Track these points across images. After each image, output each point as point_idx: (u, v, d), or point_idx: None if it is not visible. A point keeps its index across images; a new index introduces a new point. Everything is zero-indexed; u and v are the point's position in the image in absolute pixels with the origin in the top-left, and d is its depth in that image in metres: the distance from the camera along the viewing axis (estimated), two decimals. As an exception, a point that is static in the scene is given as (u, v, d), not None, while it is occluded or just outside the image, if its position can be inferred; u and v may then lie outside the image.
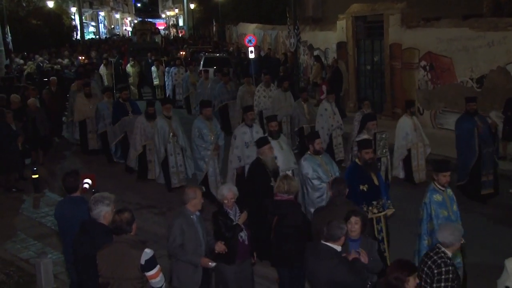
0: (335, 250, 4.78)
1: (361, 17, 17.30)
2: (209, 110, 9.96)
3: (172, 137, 10.26)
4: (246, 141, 8.99)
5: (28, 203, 10.46)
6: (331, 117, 11.82)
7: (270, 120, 8.66)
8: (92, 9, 60.13)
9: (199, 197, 5.52)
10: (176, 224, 5.42)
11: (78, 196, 5.73)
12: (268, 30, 26.71)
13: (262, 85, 14.13)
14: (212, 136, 9.62)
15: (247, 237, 5.82)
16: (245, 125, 9.19)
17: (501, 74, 12.67)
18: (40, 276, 6.70)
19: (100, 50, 32.51)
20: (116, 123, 11.89)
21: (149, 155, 11.10)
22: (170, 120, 10.34)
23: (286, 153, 8.26)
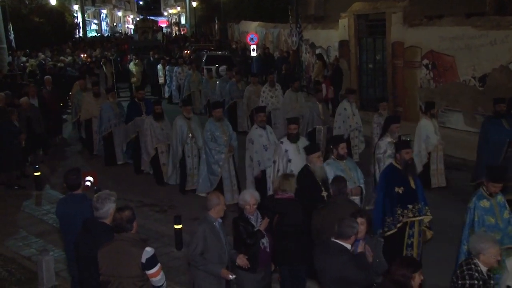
0: (345, 248, 4.75)
1: (363, 16, 17.26)
2: (220, 111, 9.75)
3: (190, 139, 10.07)
4: (264, 144, 8.84)
5: (30, 201, 10.47)
6: (350, 117, 11.49)
7: (290, 122, 8.28)
8: (94, 7, 60.14)
9: (222, 203, 5.33)
10: (200, 231, 5.22)
11: (80, 193, 5.73)
12: (270, 28, 26.69)
13: (267, 85, 13.95)
14: (225, 138, 9.43)
15: (268, 244, 5.69)
16: (259, 127, 8.99)
17: (504, 72, 12.64)
18: (42, 273, 6.72)
19: (103, 48, 32.50)
20: (129, 122, 11.68)
21: (162, 158, 10.85)
22: (189, 121, 10.13)
23: (302, 158, 7.82)
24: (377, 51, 17.00)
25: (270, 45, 25.74)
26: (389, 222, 6.48)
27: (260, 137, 8.87)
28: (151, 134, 10.72)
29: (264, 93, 13.71)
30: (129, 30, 66.81)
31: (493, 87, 12.91)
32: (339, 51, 18.45)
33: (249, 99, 14.41)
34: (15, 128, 10.89)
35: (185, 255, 7.73)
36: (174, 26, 66.42)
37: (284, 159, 7.94)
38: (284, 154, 7.97)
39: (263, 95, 13.70)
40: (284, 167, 7.88)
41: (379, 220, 6.52)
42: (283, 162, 7.93)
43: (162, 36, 37.97)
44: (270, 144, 8.85)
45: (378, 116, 10.68)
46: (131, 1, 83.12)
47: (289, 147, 7.96)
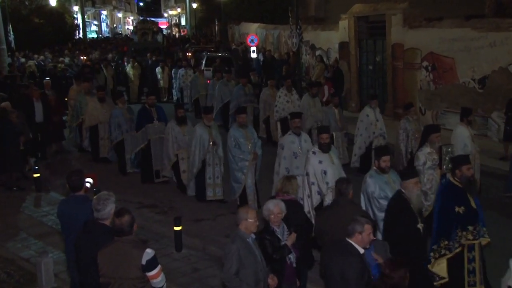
0: (356, 250, 4.70)
1: (363, 17, 17.29)
2: (244, 117, 9.43)
3: (212, 147, 9.63)
4: (294, 151, 8.48)
5: (29, 202, 10.47)
6: (373, 124, 11.04)
7: (322, 132, 7.81)
8: (94, 8, 60.17)
9: (253, 218, 5.03)
10: (233, 250, 4.92)
11: (82, 194, 5.72)
12: (270, 30, 26.71)
13: (283, 89, 13.38)
14: (250, 145, 9.09)
15: (295, 259, 5.50)
16: (293, 134, 8.65)
17: (503, 74, 12.65)
18: (41, 275, 6.71)
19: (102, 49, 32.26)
20: (140, 129, 11.06)
21: (182, 165, 10.29)
22: (210, 129, 9.70)
23: (337, 168, 7.64)
24: (377, 53, 17.03)
25: (270, 47, 25.73)
26: (443, 247, 5.98)
27: (291, 144, 8.52)
28: (172, 140, 10.20)
29: (280, 98, 13.22)
30: (129, 31, 66.84)
31: (492, 89, 12.92)
32: (339, 53, 18.47)
33: (265, 103, 13.89)
34: (15, 128, 10.87)
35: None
36: (174, 28, 66.43)
37: (319, 171, 7.52)
38: (318, 166, 7.53)
39: (278, 99, 13.22)
40: (319, 179, 7.49)
41: (432, 243, 6.07)
42: (317, 174, 7.51)
43: (162, 38, 37.60)
44: (301, 153, 8.42)
45: (405, 121, 10.27)
46: (131, 2, 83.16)
47: (323, 157, 7.54)
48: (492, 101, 12.87)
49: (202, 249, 8.07)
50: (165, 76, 20.61)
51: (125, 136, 11.50)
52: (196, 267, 7.55)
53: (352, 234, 4.77)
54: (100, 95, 12.66)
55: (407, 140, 10.21)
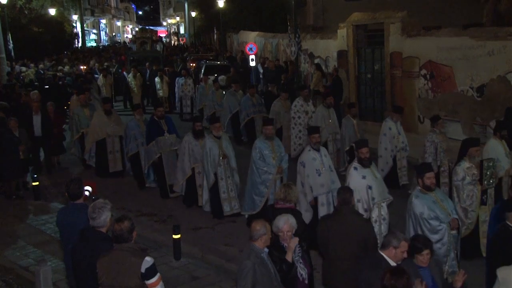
0: (385, 260, 4.64)
1: (362, 26, 17.34)
2: (270, 128, 9.00)
3: (222, 160, 9.27)
4: (317, 168, 7.98)
5: (28, 210, 10.45)
6: (396, 137, 10.69)
7: (362, 146, 7.41)
8: (93, 17, 60.40)
9: (269, 232, 4.94)
10: (249, 267, 4.75)
11: (81, 203, 5.72)
12: (269, 38, 26.79)
13: (299, 99, 12.96)
14: (275, 158, 8.72)
15: (307, 275, 5.35)
16: (313, 150, 8.13)
17: (501, 83, 12.68)
18: (40, 283, 6.67)
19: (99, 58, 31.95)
20: (150, 142, 10.63)
21: (199, 179, 9.87)
22: (219, 141, 9.34)
23: (380, 182, 7.40)
24: (376, 61, 17.07)
25: (269, 55, 25.80)
26: None
27: (313, 161, 8.04)
28: (188, 153, 9.81)
29: (295, 108, 12.82)
30: (128, 39, 67.05)
31: (490, 97, 12.95)
32: (338, 61, 18.52)
33: (277, 114, 13.35)
34: (15, 137, 10.87)
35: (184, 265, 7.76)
36: (173, 36, 66.67)
37: (364, 187, 7.19)
38: (362, 182, 7.21)
39: (294, 109, 12.83)
40: (365, 196, 7.18)
41: None
42: (362, 190, 7.18)
43: (162, 47, 37.30)
44: (324, 169, 8.03)
45: (432, 134, 9.87)
46: (130, 11, 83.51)
47: (365, 172, 7.23)
48: (490, 110, 12.89)
49: (201, 258, 8.05)
50: (164, 85, 20.15)
51: (140, 149, 11.10)
52: (195, 275, 7.53)
53: (386, 247, 4.71)
54: (106, 107, 12.26)
55: (435, 153, 9.77)
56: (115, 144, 12.00)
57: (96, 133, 12.03)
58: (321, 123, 11.87)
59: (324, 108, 12.27)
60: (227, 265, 7.76)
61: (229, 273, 7.55)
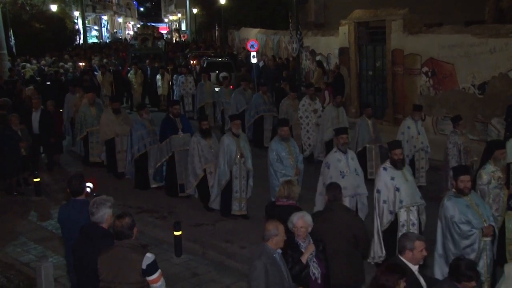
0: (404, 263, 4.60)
1: (363, 23, 17.33)
2: (286, 129, 8.77)
3: (239, 159, 9.05)
4: (341, 170, 7.74)
5: (29, 207, 10.46)
6: (415, 137, 10.24)
7: (395, 147, 7.12)
8: (95, 13, 60.33)
9: (281, 234, 4.85)
10: (259, 267, 4.66)
11: (83, 199, 5.73)
12: (271, 35, 26.76)
13: (306, 98, 12.70)
14: (292, 159, 8.59)
15: (320, 275, 5.22)
16: (338, 151, 7.90)
17: (503, 80, 12.68)
18: (41, 280, 6.68)
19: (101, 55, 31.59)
20: (164, 140, 10.36)
21: (211, 180, 9.60)
22: (238, 139, 9.11)
23: (412, 186, 7.08)
24: (377, 58, 17.06)
25: (270, 52, 25.77)
26: None
27: (338, 162, 7.80)
28: (198, 154, 9.55)
29: (303, 107, 12.57)
30: (129, 36, 66.96)
31: (492, 94, 12.94)
32: (339, 58, 18.51)
33: (286, 114, 13.04)
34: (15, 134, 10.87)
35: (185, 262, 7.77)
36: (174, 33, 66.59)
37: (391, 188, 6.98)
38: (390, 182, 7.00)
39: (301, 108, 12.58)
40: (392, 198, 6.96)
41: None
42: (389, 191, 6.98)
43: (164, 44, 36.84)
44: (349, 172, 7.77)
45: (454, 135, 9.61)
46: (131, 8, 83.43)
47: (395, 174, 6.98)
48: (492, 107, 12.89)
49: (201, 254, 8.06)
50: (165, 83, 19.77)
51: (148, 149, 10.81)
52: (196, 272, 7.53)
53: (402, 251, 4.67)
54: (115, 106, 11.91)
55: (458, 155, 9.54)
56: (123, 144, 11.67)
57: (105, 133, 11.77)
58: (330, 122, 11.71)
59: (333, 108, 12.06)
60: (227, 261, 7.77)
61: (230, 269, 7.57)
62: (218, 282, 7.25)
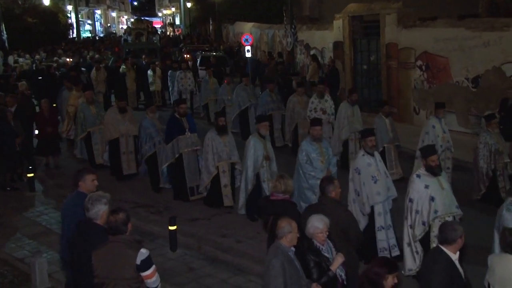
0: (448, 257, 4.56)
1: (358, 17, 17.31)
2: (319, 129, 8.28)
3: (266, 161, 8.66)
4: (373, 174, 7.25)
5: (23, 202, 10.41)
6: (440, 136, 9.76)
7: (431, 153, 6.61)
8: (88, 7, 60.00)
9: (295, 230, 4.77)
10: (278, 266, 4.55)
11: (83, 192, 5.70)
12: (265, 29, 26.71)
13: (316, 95, 12.15)
14: (323, 161, 8.09)
15: (345, 275, 5.11)
16: (366, 154, 7.37)
17: (497, 74, 12.71)
18: (35, 275, 6.68)
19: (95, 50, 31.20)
20: (170, 141, 9.85)
21: (223, 179, 9.33)
22: (265, 141, 8.72)
23: (448, 194, 6.55)
24: (372, 52, 17.07)
25: (265, 46, 25.73)
26: None
27: (368, 166, 7.30)
28: (212, 151, 9.22)
29: (313, 104, 12.02)
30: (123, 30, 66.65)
31: (486, 88, 12.98)
32: (334, 52, 18.50)
33: (293, 111, 12.63)
34: (13, 129, 10.79)
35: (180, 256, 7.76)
36: (168, 27, 66.35)
37: (425, 197, 6.48)
38: (424, 191, 6.49)
39: (311, 105, 12.02)
40: (426, 208, 6.47)
41: None
42: (423, 201, 6.49)
43: (159, 39, 36.35)
44: (380, 175, 7.31)
45: (486, 134, 9.24)
46: (125, 2, 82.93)
47: (429, 181, 6.49)
48: (485, 100, 12.92)
49: (197, 249, 8.06)
50: (157, 79, 19.20)
51: (157, 148, 10.33)
52: (191, 266, 7.54)
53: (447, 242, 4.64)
54: (121, 104, 11.30)
55: (489, 156, 9.16)
56: (129, 145, 11.15)
57: (109, 132, 11.15)
58: (343, 120, 11.33)
59: (348, 105, 11.47)
60: (223, 256, 7.77)
61: (226, 264, 7.58)
62: (213, 277, 7.25)
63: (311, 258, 4.89)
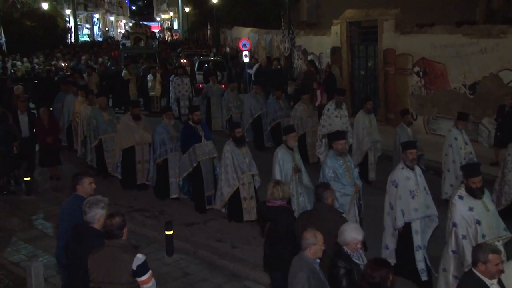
0: (477, 277, 4.44)
1: (356, 23, 17.37)
2: (343, 143, 7.76)
3: (295, 174, 8.14)
4: (411, 189, 6.83)
5: (19, 206, 10.38)
6: (463, 147, 9.51)
7: (474, 175, 6.03)
8: (86, 11, 60.06)
9: (320, 243, 4.67)
10: (304, 279, 4.49)
11: (81, 195, 5.69)
12: (263, 34, 26.74)
13: (332, 103, 11.62)
14: (349, 176, 7.58)
15: None
16: (406, 168, 6.98)
17: (494, 80, 12.75)
18: (31, 279, 6.64)
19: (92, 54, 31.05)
20: (187, 150, 9.52)
21: (243, 191, 8.91)
22: (293, 152, 8.20)
23: (494, 215, 6.10)
24: (369, 58, 17.11)
25: (262, 52, 25.75)
26: None
27: (407, 180, 6.89)
28: (232, 164, 8.83)
29: (329, 112, 11.50)
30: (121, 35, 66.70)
31: (483, 94, 13.02)
32: (331, 58, 18.54)
33: (300, 120, 12.20)
34: (12, 133, 10.76)
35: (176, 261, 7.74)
36: (166, 32, 66.46)
37: (471, 221, 5.96)
38: (469, 214, 5.97)
39: (326, 113, 11.53)
40: (473, 232, 5.92)
41: None
42: (469, 225, 5.97)
43: (157, 44, 36.16)
44: (419, 190, 6.89)
45: None
46: (123, 6, 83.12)
47: (474, 203, 5.97)
48: (482, 107, 12.96)
49: (193, 254, 8.04)
50: (157, 84, 18.93)
51: (169, 156, 10.01)
52: (187, 271, 7.52)
53: (475, 264, 4.50)
54: (135, 112, 10.83)
55: None
56: (144, 153, 10.68)
57: (124, 141, 10.66)
58: (362, 130, 10.95)
59: (364, 114, 11.06)
60: (219, 261, 7.76)
61: (222, 269, 7.56)
62: (209, 282, 7.24)
63: (342, 265, 4.74)
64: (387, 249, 7.03)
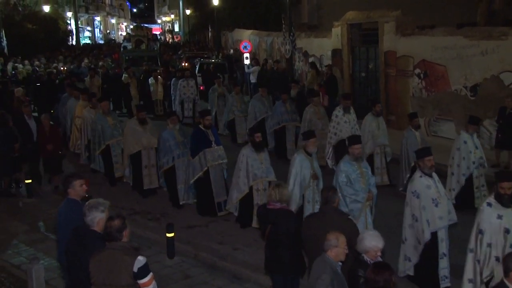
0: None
1: (356, 25, 17.37)
2: (359, 147, 7.44)
3: (312, 181, 7.96)
4: (433, 197, 6.65)
5: (20, 209, 10.39)
6: (473, 151, 9.30)
7: (504, 179, 5.86)
8: (88, 14, 60.13)
9: (342, 245, 4.66)
10: (327, 281, 4.48)
11: (75, 199, 5.69)
12: (264, 37, 26.76)
13: (340, 109, 11.39)
14: (364, 182, 7.32)
15: None
16: (424, 176, 6.74)
17: (495, 82, 12.74)
18: (32, 282, 6.64)
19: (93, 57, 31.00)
20: (196, 155, 9.40)
21: (257, 198, 8.67)
22: (312, 158, 8.00)
23: None
24: (370, 60, 17.11)
25: (263, 54, 25.77)
26: None
27: (428, 189, 6.68)
28: (246, 169, 8.63)
29: (337, 118, 11.31)
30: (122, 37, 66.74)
31: (484, 96, 13.01)
32: (332, 60, 18.54)
33: (310, 122, 12.00)
34: (13, 135, 10.76)
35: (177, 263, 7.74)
36: (167, 34, 66.51)
37: (499, 229, 5.77)
38: (497, 222, 5.78)
39: (335, 119, 11.35)
40: (501, 241, 5.74)
41: None
42: (496, 234, 5.78)
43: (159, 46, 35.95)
44: (441, 197, 6.72)
45: None
46: (125, 9, 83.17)
47: (503, 211, 5.79)
48: (484, 109, 12.94)
49: (194, 256, 8.04)
50: (159, 87, 18.89)
51: (176, 162, 9.85)
52: (188, 274, 7.52)
53: (507, 274, 4.39)
54: (141, 116, 10.64)
55: None
56: (151, 158, 10.55)
57: (132, 146, 10.51)
58: (368, 133, 10.81)
59: (372, 117, 10.97)
60: (220, 263, 7.75)
61: (223, 271, 7.56)
62: (210, 284, 7.24)
63: (362, 274, 4.68)
64: (409, 261, 6.86)
